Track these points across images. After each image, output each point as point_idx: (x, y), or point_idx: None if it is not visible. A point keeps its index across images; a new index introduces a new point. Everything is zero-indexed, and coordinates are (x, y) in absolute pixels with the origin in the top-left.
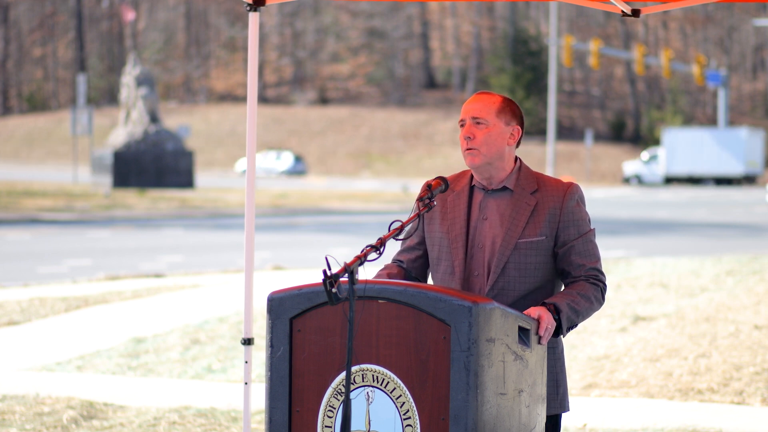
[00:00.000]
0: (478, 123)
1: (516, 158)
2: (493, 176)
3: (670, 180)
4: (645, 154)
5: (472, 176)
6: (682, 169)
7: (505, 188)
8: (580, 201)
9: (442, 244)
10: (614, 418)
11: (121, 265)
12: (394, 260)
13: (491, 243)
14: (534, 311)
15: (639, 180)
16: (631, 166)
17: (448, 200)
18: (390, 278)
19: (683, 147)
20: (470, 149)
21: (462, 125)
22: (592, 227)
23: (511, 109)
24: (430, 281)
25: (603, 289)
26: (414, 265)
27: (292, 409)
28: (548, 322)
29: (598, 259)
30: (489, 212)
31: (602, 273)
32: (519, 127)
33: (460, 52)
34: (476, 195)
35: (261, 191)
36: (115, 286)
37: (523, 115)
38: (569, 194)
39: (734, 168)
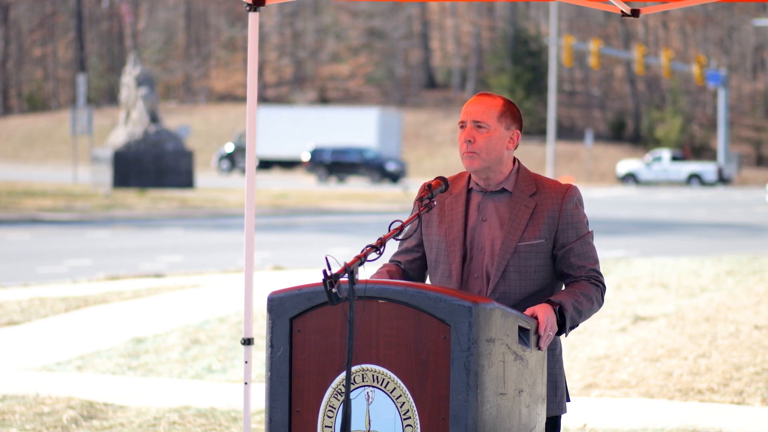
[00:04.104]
0: (480, 127)
1: (514, 159)
2: (491, 179)
3: None
4: None
5: (469, 178)
6: None
7: (503, 190)
8: (579, 203)
9: (440, 247)
10: (614, 418)
11: (121, 265)
12: (392, 261)
13: (491, 245)
14: (533, 311)
15: None
16: None
17: (446, 203)
18: (390, 276)
19: None
20: (470, 153)
21: (462, 127)
22: (590, 229)
23: (511, 113)
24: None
25: (603, 291)
26: (411, 266)
27: (292, 409)
28: (551, 327)
29: (596, 261)
30: (488, 214)
31: (601, 275)
32: (519, 131)
33: (460, 52)
34: (474, 197)
35: (261, 191)
36: (115, 286)
37: (522, 118)
38: (568, 196)
39: None
